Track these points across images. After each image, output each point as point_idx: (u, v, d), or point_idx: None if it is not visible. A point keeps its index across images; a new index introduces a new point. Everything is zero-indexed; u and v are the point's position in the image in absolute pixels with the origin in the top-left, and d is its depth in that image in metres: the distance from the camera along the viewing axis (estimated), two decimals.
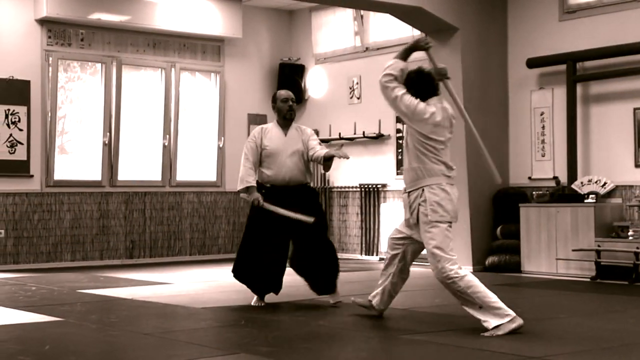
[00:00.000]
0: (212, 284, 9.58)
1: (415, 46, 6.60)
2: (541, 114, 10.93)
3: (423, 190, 6.31)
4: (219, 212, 13.06)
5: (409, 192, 6.41)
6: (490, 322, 5.89)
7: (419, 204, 6.27)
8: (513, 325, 5.87)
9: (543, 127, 10.91)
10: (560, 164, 10.69)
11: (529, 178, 11.03)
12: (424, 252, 6.44)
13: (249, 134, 13.43)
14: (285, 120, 7.66)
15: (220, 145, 13.10)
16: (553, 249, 10.20)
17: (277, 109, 7.70)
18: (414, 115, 6.26)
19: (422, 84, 6.44)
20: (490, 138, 11.07)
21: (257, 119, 13.53)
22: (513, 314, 5.91)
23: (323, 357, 5.25)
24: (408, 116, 6.30)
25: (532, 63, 10.86)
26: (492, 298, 5.99)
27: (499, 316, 5.90)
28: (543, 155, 10.90)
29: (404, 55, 6.59)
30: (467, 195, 10.81)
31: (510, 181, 11.22)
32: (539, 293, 8.71)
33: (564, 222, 10.10)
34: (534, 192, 10.61)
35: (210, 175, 13.09)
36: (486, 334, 5.87)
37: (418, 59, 6.99)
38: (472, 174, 10.83)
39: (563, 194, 10.36)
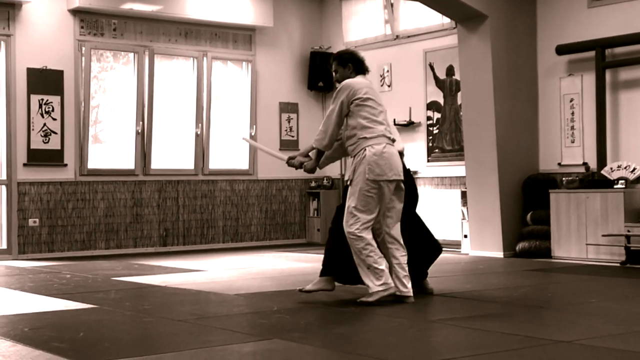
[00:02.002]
0: (244, 271, 9.66)
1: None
2: (570, 101, 10.93)
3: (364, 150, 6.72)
4: (251, 200, 13.15)
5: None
6: (370, 286, 6.50)
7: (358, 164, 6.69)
8: (385, 293, 6.52)
9: (572, 114, 10.91)
10: (589, 150, 10.69)
11: (559, 164, 11.04)
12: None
13: (280, 122, 13.59)
14: None
15: (252, 134, 13.19)
16: (583, 234, 10.21)
17: None
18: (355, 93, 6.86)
19: (357, 61, 7.13)
20: (520, 125, 11.13)
21: (288, 107, 13.62)
22: (391, 284, 6.55)
23: (355, 343, 5.28)
24: (349, 96, 6.82)
25: (561, 50, 10.85)
26: (381, 265, 6.51)
27: (378, 281, 6.49)
28: (572, 142, 10.90)
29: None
30: (497, 182, 10.84)
31: (540, 167, 11.24)
32: (570, 278, 8.73)
33: (594, 207, 10.10)
34: (563, 178, 10.62)
35: (243, 164, 13.18)
36: (362, 298, 6.55)
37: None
38: (502, 161, 10.86)
39: (593, 180, 10.37)
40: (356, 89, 6.85)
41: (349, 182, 6.82)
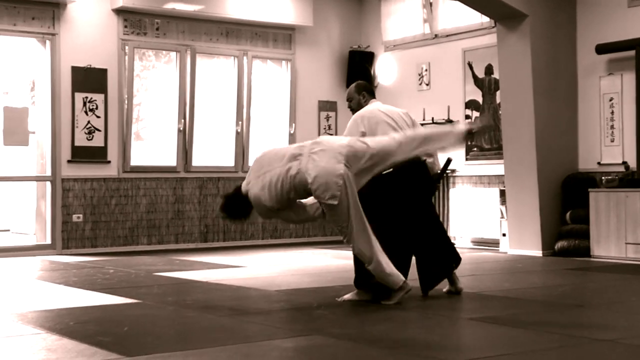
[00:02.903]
0: (283, 267, 9.74)
1: None
2: (610, 100, 10.91)
3: None
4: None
5: None
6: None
7: None
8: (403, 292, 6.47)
9: (612, 113, 10.89)
10: (629, 149, 10.67)
11: (598, 163, 11.02)
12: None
13: (319, 121, 13.67)
14: None
15: (292, 132, 13.28)
16: (622, 233, 10.19)
17: None
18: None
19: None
20: (559, 124, 11.12)
21: (327, 106, 13.69)
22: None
23: (395, 340, 5.31)
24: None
25: (601, 49, 10.83)
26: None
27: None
28: (612, 141, 10.88)
29: None
30: (536, 181, 10.85)
31: (580, 166, 11.22)
32: (609, 277, 8.72)
33: (634, 206, 10.09)
34: (603, 177, 10.60)
35: None
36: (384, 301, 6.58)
37: None
38: (541, 159, 10.86)
39: (632, 179, 10.34)
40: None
41: None
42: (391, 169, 6.86)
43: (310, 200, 6.59)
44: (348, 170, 6.27)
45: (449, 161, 7.69)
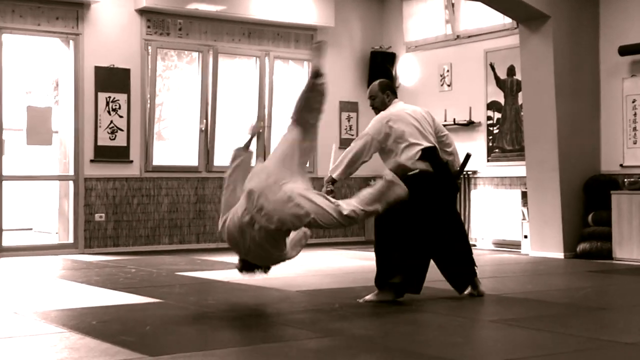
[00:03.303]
0: (304, 268, 9.74)
1: None
2: (633, 102, 10.87)
3: None
4: None
5: None
6: None
7: None
8: None
9: (635, 115, 10.84)
10: None
11: (621, 165, 10.97)
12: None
13: (340, 121, 13.68)
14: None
15: None
16: None
17: None
18: None
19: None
20: (581, 125, 11.08)
21: (348, 106, 13.70)
22: None
23: (417, 342, 5.33)
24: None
25: (624, 50, 10.79)
26: None
27: None
28: (635, 143, 10.84)
29: None
30: (558, 183, 10.82)
31: (602, 168, 11.18)
32: (631, 279, 8.70)
33: None
34: (625, 179, 10.57)
35: None
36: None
37: None
38: (563, 161, 10.83)
39: None
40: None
41: None
42: (417, 170, 6.87)
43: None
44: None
45: (468, 157, 7.68)
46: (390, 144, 6.97)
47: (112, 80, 11.57)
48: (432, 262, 7.05)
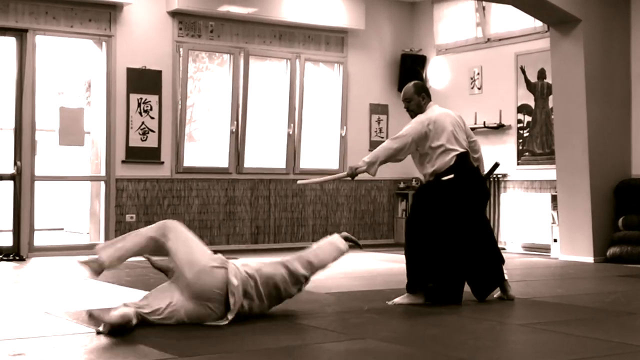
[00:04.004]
0: (333, 270, 9.71)
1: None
2: None
3: None
4: (340, 200, 13.28)
5: None
6: None
7: None
8: None
9: None
10: None
11: None
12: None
13: (370, 124, 13.70)
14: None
15: (343, 134, 13.33)
16: None
17: None
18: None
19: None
20: (612, 129, 11.04)
21: (378, 109, 13.72)
22: None
23: (447, 345, 5.35)
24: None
25: None
26: None
27: None
28: None
29: None
30: (588, 186, 10.79)
31: (633, 172, 11.14)
32: None
33: None
34: None
35: (333, 164, 13.32)
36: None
37: None
38: (593, 165, 10.80)
39: None
40: None
41: None
42: (452, 175, 6.89)
43: None
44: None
45: (496, 165, 7.71)
46: (426, 147, 6.97)
47: (144, 81, 11.65)
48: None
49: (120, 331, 5.35)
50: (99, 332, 5.39)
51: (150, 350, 4.97)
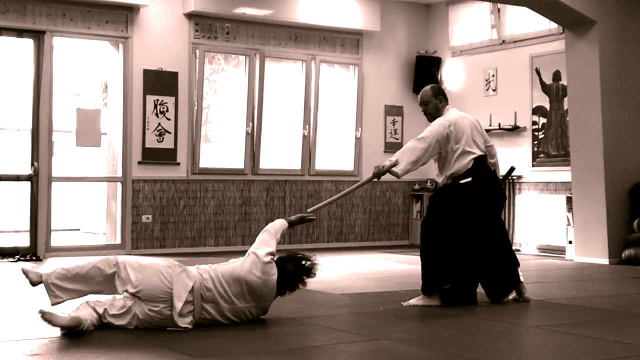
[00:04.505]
0: (349, 271, 9.80)
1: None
2: None
3: None
4: (355, 201, 13.31)
5: None
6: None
7: None
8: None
9: None
10: None
11: None
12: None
13: (385, 125, 13.73)
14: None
15: (358, 136, 13.37)
16: None
17: None
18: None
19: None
20: (627, 131, 11.04)
21: (393, 110, 13.75)
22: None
23: (462, 346, 5.36)
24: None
25: None
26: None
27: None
28: None
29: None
30: (603, 188, 10.78)
31: None
32: None
33: None
34: None
35: (348, 165, 13.36)
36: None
37: None
38: (609, 167, 10.80)
39: None
40: None
41: None
42: (470, 178, 6.92)
43: None
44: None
45: (512, 170, 7.75)
46: (448, 150, 6.99)
47: (160, 83, 11.71)
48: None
49: (72, 334, 5.36)
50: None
51: (165, 350, 5.02)
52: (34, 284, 5.76)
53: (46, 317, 5.31)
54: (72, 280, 5.70)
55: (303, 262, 6.09)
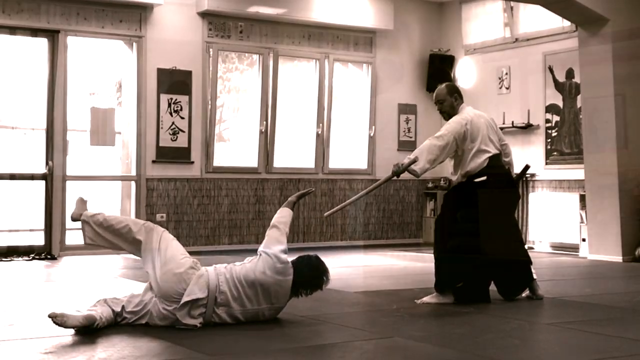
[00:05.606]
0: (362, 269, 9.82)
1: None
2: None
3: None
4: (369, 200, 13.31)
5: None
6: None
7: None
8: None
9: None
10: None
11: None
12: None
13: (399, 124, 13.73)
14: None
15: (371, 134, 13.37)
16: None
17: None
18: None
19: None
20: (639, 129, 11.02)
21: (407, 109, 13.75)
22: None
23: (475, 343, 5.38)
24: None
25: None
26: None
27: None
28: None
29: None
30: (617, 186, 10.77)
31: None
32: None
33: None
34: None
35: (362, 163, 13.37)
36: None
37: None
38: (622, 164, 10.78)
39: None
40: None
41: None
42: (484, 177, 6.93)
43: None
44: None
45: (526, 168, 7.75)
46: (464, 148, 7.00)
47: (174, 82, 11.75)
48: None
49: (86, 331, 5.40)
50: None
51: (179, 348, 5.04)
52: (73, 218, 6.07)
53: (57, 320, 5.36)
54: (106, 230, 5.97)
55: (319, 274, 6.08)
